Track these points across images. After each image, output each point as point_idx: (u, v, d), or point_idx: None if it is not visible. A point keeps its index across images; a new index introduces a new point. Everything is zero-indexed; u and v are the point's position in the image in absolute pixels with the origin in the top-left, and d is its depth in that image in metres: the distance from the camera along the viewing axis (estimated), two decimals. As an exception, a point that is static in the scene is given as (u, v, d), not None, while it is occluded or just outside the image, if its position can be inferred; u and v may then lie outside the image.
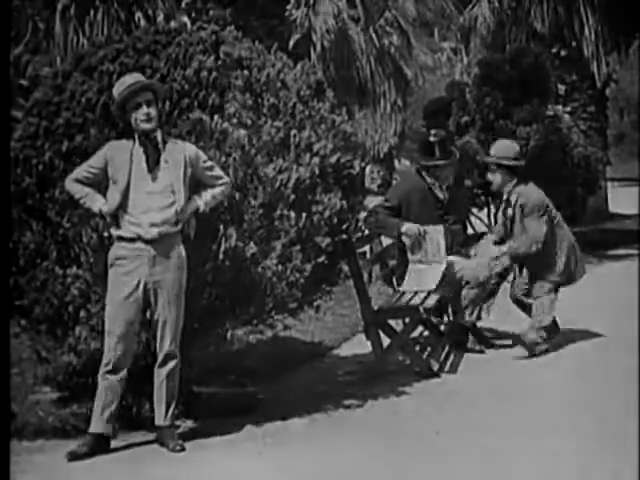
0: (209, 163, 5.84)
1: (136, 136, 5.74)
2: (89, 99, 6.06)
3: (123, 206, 5.66)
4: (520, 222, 7.96)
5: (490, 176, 8.11)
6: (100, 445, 5.63)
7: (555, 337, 8.01)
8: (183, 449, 5.63)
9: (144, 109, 5.69)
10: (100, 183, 5.73)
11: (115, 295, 5.65)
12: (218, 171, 5.85)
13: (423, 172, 8.26)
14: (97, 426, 5.65)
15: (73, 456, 5.53)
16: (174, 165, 5.71)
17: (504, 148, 8.17)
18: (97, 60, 6.22)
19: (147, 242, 5.65)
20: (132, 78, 5.78)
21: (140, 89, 5.72)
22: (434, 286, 7.78)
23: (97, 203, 5.71)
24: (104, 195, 5.72)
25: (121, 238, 5.68)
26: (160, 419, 5.73)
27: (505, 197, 8.07)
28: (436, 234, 7.97)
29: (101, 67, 6.16)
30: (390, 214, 8.04)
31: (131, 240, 5.66)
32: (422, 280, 7.84)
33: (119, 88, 5.76)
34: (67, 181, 5.77)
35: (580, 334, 8.44)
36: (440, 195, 8.23)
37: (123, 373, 5.66)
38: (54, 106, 6.13)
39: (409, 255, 7.97)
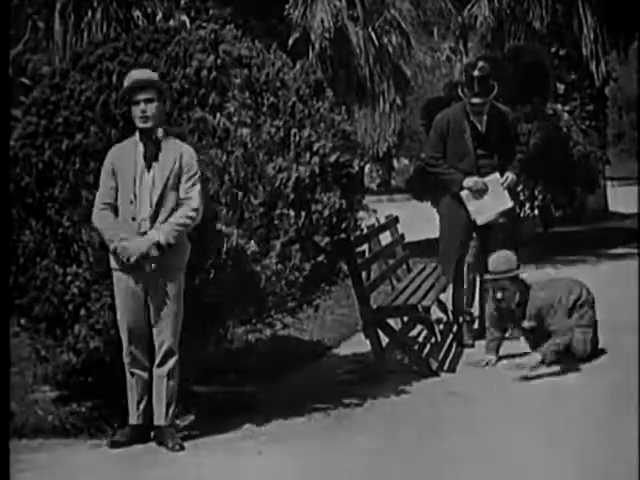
0: (192, 180, 5.64)
1: (137, 136, 5.71)
2: (88, 98, 6.05)
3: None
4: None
5: (500, 294, 7.15)
6: (139, 435, 5.74)
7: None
8: (183, 448, 5.62)
9: (141, 106, 5.64)
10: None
11: (118, 290, 5.67)
12: (195, 193, 5.63)
13: (466, 106, 8.34)
14: (134, 418, 5.76)
15: (115, 444, 5.65)
16: (163, 167, 5.65)
17: (504, 260, 7.21)
18: (95, 58, 6.22)
19: None
20: (138, 73, 5.76)
21: (139, 86, 5.66)
22: (510, 203, 8.25)
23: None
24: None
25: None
26: (160, 419, 5.72)
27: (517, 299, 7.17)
28: (496, 185, 8.18)
29: (99, 66, 6.15)
30: (442, 158, 8.21)
31: None
32: (486, 207, 8.16)
33: (125, 82, 5.74)
34: (94, 218, 5.67)
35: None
36: (479, 126, 8.28)
37: (146, 366, 5.70)
38: (53, 105, 6.12)
39: (467, 206, 8.17)
